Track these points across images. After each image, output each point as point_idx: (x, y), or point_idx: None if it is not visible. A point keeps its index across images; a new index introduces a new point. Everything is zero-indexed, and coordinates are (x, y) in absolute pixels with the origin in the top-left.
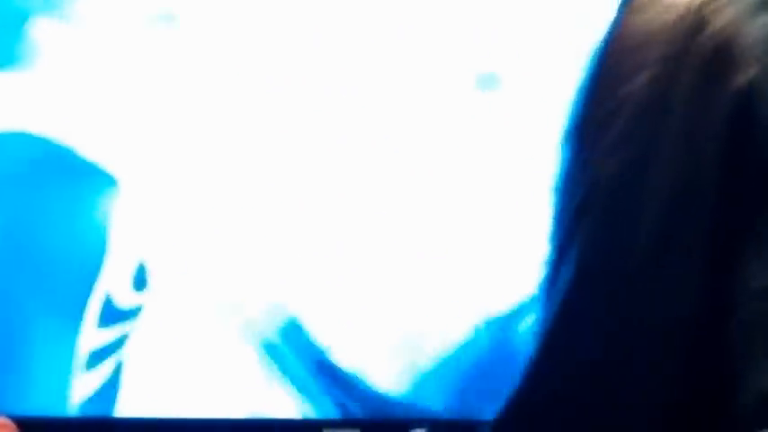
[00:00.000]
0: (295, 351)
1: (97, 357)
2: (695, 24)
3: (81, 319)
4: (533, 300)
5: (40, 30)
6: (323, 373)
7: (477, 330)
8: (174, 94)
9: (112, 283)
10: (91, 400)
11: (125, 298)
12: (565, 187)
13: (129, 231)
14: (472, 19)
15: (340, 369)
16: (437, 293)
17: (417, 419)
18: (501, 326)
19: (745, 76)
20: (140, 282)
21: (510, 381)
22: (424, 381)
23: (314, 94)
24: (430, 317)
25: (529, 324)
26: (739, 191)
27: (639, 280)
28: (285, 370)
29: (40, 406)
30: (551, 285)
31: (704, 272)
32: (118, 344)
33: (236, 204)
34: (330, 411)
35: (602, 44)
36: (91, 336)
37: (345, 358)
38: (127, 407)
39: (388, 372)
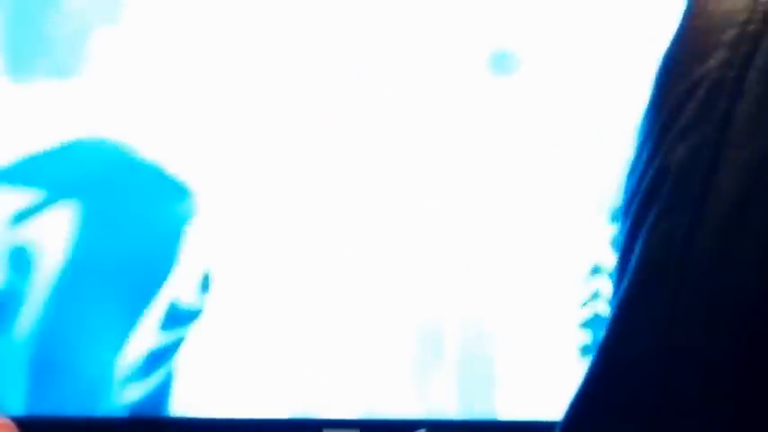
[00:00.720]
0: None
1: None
2: None
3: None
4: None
5: (102, 37)
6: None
7: (482, 330)
8: (242, 100)
9: (178, 287)
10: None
11: (189, 301)
12: (634, 173)
13: (198, 238)
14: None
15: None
16: (448, 288)
17: (417, 419)
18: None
19: None
20: (205, 286)
21: (507, 382)
22: (425, 381)
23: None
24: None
25: (528, 324)
26: None
27: (705, 271)
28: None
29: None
30: (619, 279)
31: None
32: (174, 347)
33: (304, 209)
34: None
35: (679, 23)
36: (151, 337)
37: (348, 357)
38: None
39: (388, 372)
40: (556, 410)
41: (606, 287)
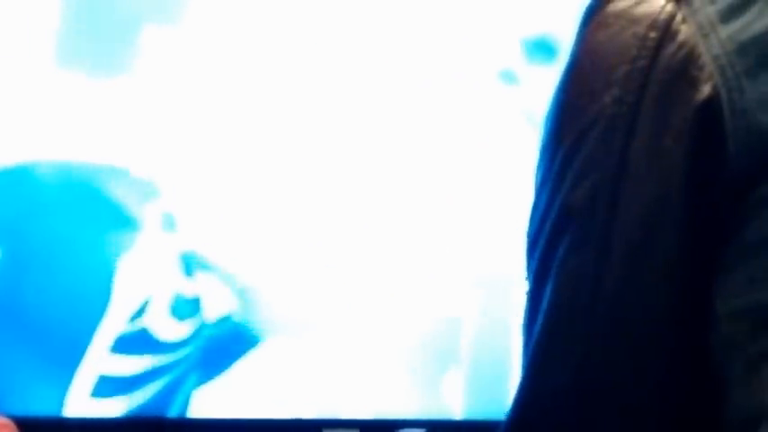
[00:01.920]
0: None
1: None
2: (660, 39)
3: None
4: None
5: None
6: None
7: (479, 331)
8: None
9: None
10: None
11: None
12: (536, 215)
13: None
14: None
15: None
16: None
17: (417, 420)
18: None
19: (706, 90)
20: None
21: (508, 383)
22: (425, 381)
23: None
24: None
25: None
26: (710, 208)
27: (615, 304)
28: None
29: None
30: (532, 318)
31: (679, 292)
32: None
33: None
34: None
35: (569, 60)
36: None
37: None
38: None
39: (387, 372)
40: None
41: None
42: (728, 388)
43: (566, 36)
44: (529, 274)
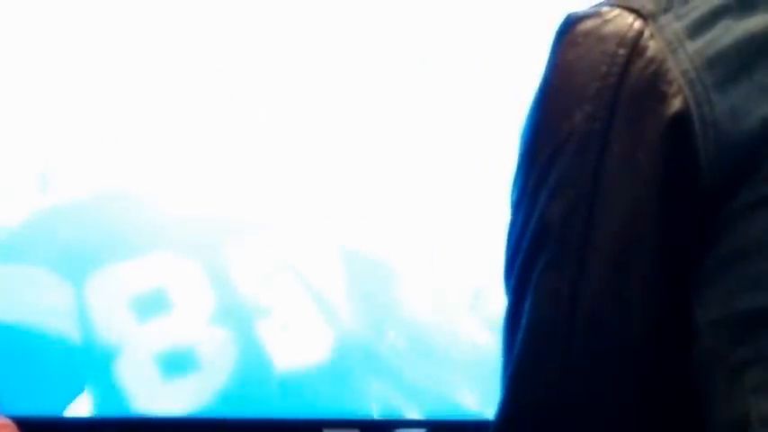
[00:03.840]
0: None
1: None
2: (628, 55)
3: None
4: None
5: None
6: None
7: (480, 332)
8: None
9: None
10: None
11: None
12: (513, 233)
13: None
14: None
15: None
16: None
17: (417, 420)
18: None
19: (677, 105)
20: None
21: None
22: (424, 381)
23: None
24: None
25: None
26: (685, 221)
27: (593, 319)
28: None
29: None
30: (511, 334)
31: (657, 305)
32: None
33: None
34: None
35: (542, 80)
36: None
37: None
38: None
39: (387, 372)
40: None
41: None
42: (711, 399)
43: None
44: (507, 292)
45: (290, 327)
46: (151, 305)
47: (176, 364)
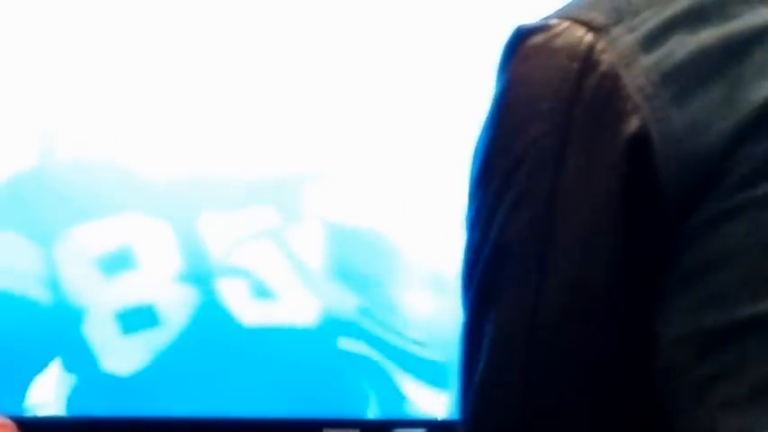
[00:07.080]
0: None
1: None
2: (581, 69)
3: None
4: None
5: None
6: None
7: None
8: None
9: None
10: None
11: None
12: (470, 252)
13: None
14: None
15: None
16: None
17: (417, 419)
18: None
19: (634, 122)
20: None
21: None
22: (423, 381)
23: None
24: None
25: None
26: (644, 238)
27: (553, 337)
28: None
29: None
30: (473, 351)
31: (616, 322)
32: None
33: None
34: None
35: (494, 97)
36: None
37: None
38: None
39: (387, 371)
40: None
41: None
42: (676, 413)
43: None
44: (465, 310)
45: (262, 290)
46: (117, 263)
47: (136, 320)
